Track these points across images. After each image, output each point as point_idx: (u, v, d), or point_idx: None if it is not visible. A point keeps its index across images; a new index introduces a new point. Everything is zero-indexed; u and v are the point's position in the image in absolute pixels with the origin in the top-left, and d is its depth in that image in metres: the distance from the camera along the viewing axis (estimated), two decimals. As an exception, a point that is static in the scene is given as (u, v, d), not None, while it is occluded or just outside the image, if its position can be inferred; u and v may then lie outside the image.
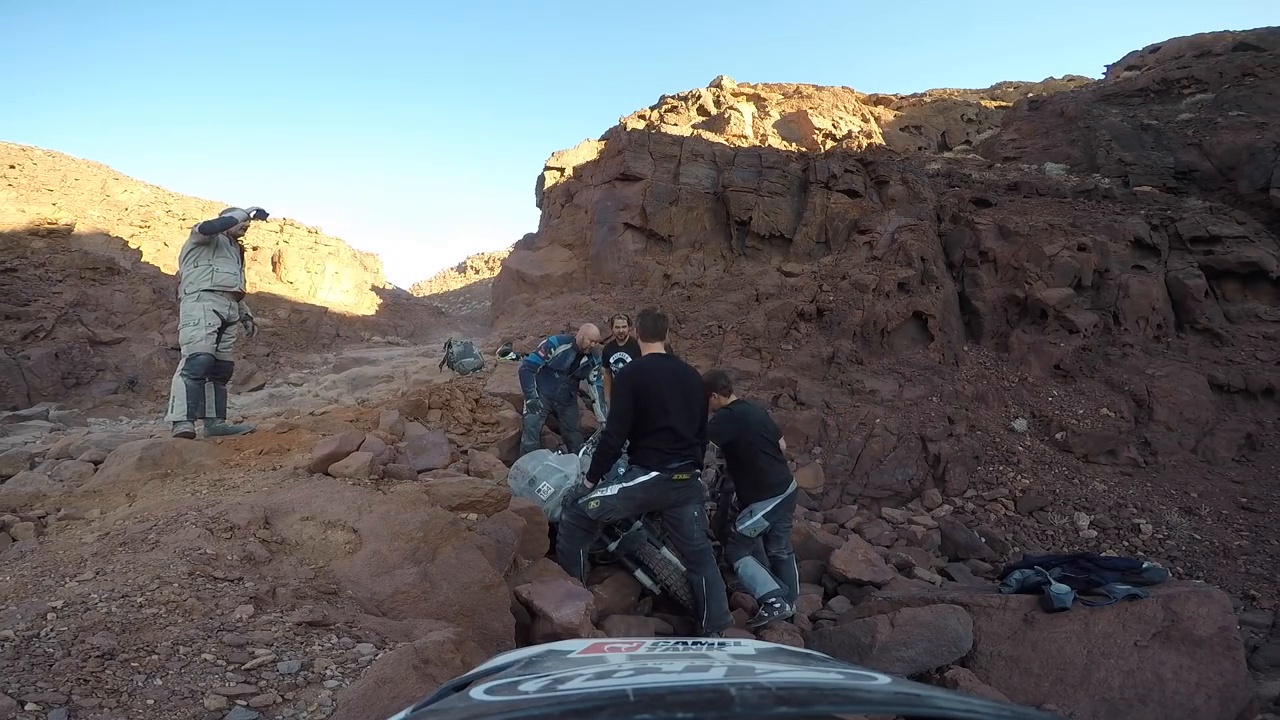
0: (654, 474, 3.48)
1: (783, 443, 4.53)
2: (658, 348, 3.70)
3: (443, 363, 9.50)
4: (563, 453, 4.89)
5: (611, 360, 6.10)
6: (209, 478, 3.25)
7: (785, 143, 20.31)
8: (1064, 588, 4.00)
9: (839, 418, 9.89)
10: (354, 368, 12.32)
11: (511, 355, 9.93)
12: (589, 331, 5.96)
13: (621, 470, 3.62)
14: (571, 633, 2.77)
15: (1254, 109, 15.53)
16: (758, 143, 19.60)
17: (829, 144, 20.13)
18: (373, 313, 23.69)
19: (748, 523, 4.20)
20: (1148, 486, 9.53)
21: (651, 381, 3.51)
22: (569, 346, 5.92)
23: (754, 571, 4.19)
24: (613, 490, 3.50)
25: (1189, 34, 21.86)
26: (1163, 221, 13.55)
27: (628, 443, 3.59)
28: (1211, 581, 7.43)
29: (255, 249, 21.54)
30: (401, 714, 0.78)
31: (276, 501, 2.68)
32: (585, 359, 6.00)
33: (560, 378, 5.99)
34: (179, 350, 4.46)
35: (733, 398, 4.50)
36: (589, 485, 3.64)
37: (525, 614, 2.94)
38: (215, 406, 4.58)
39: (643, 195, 15.88)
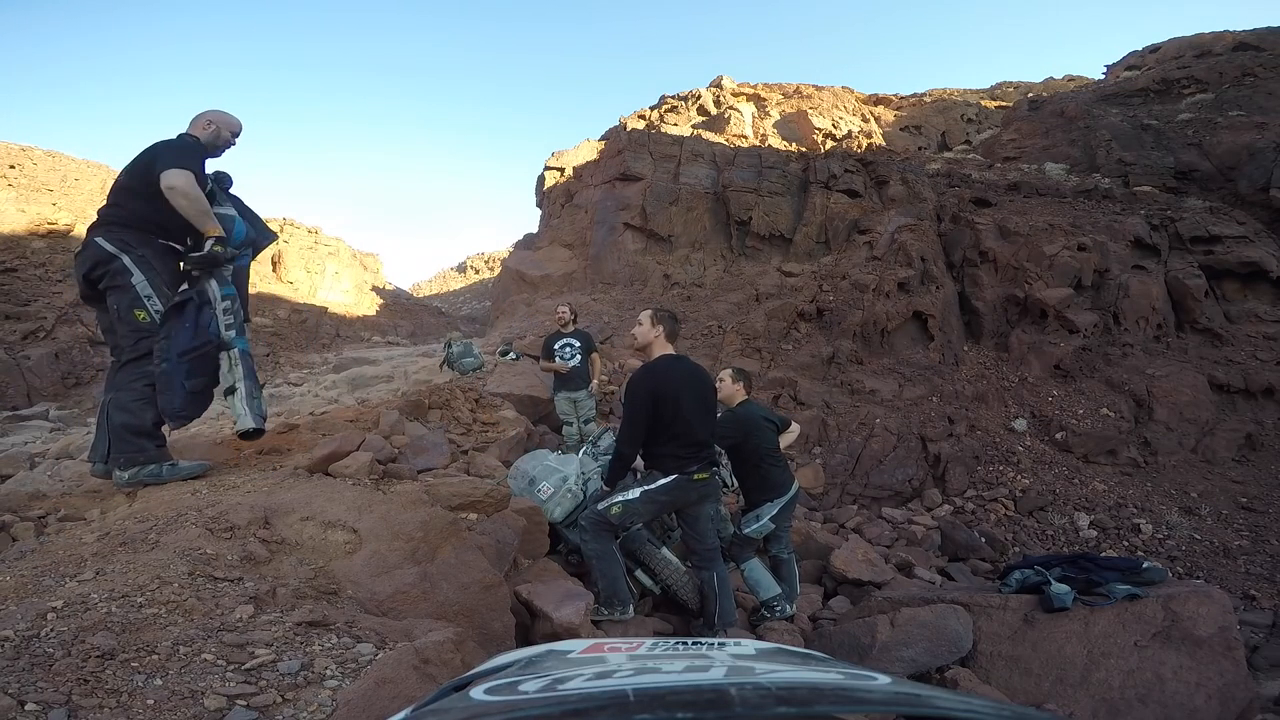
0: (674, 477, 3.46)
1: (783, 440, 4.52)
2: (670, 348, 3.64)
3: (443, 363, 9.50)
4: (561, 452, 4.89)
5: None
6: (209, 478, 3.25)
7: (785, 143, 20.31)
8: (1064, 588, 4.00)
9: (839, 418, 9.89)
10: (354, 368, 12.32)
11: (512, 355, 9.93)
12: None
13: (639, 474, 3.61)
14: (571, 633, 2.77)
15: (1254, 109, 15.52)
16: (758, 143, 19.60)
17: (829, 144, 20.12)
18: (373, 313, 23.69)
19: (754, 526, 4.23)
20: (1148, 486, 9.53)
21: (668, 386, 3.44)
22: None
23: (760, 575, 4.23)
24: (635, 494, 3.46)
25: (1189, 34, 21.86)
26: (1163, 221, 13.56)
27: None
28: (1211, 581, 7.43)
29: (255, 249, 21.56)
30: (401, 714, 0.78)
31: (276, 501, 2.67)
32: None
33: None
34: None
35: (742, 395, 4.50)
36: (606, 489, 3.62)
37: (525, 614, 2.94)
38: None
39: (643, 195, 15.88)
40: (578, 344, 6.61)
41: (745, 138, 20.32)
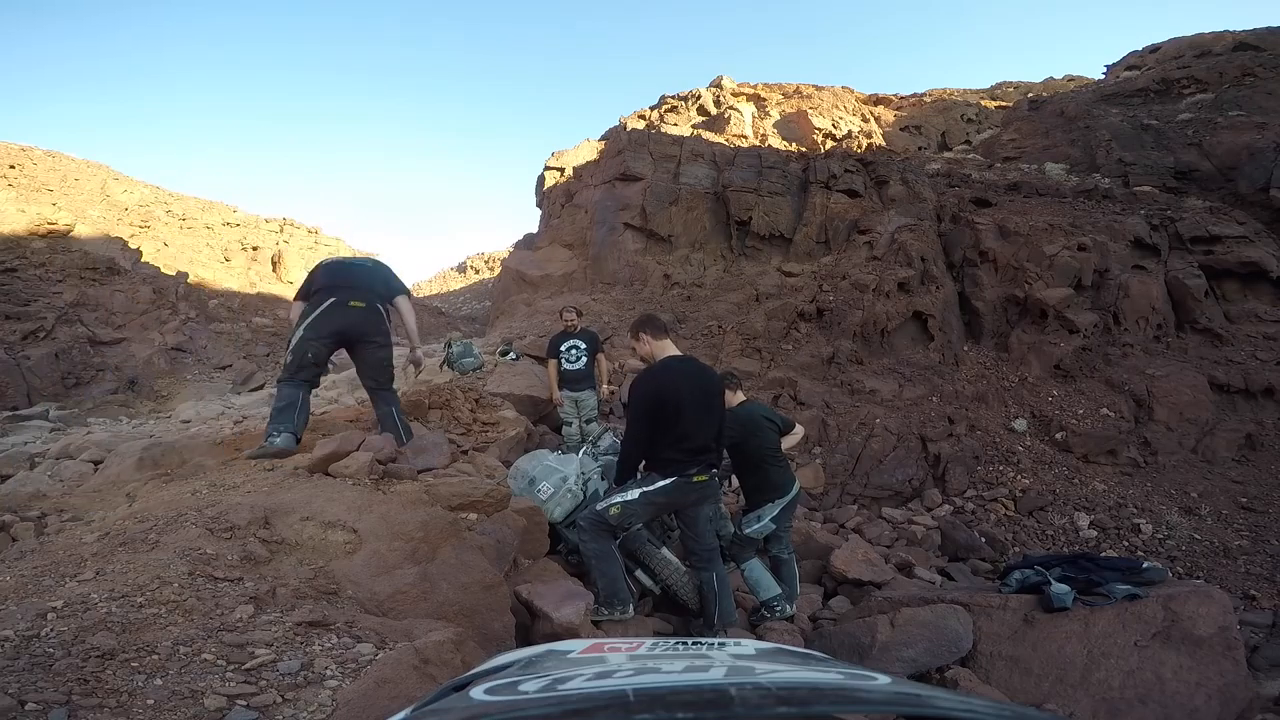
0: (672, 479, 3.45)
1: (787, 442, 4.52)
2: (669, 347, 3.59)
3: (443, 363, 9.49)
4: (561, 452, 4.89)
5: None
6: (209, 478, 3.24)
7: (785, 143, 20.31)
8: (1064, 588, 3.99)
9: (839, 418, 9.89)
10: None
11: (511, 355, 9.92)
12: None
13: (639, 474, 3.61)
14: (571, 633, 2.77)
15: (1254, 109, 15.52)
16: (758, 143, 19.60)
17: (829, 144, 20.12)
18: (373, 313, 23.67)
19: (755, 526, 4.23)
20: (1148, 486, 9.52)
21: (669, 388, 3.40)
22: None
23: (760, 576, 4.23)
24: (634, 495, 3.45)
25: (1189, 34, 21.86)
26: (1163, 221, 13.55)
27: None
28: (1211, 581, 7.42)
29: (255, 249, 21.57)
30: (401, 714, 0.78)
31: (276, 501, 2.67)
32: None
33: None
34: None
35: (741, 397, 4.50)
36: (611, 487, 3.62)
37: (525, 614, 2.94)
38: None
39: (643, 195, 15.87)
40: (584, 345, 6.62)
41: (745, 138, 20.32)
